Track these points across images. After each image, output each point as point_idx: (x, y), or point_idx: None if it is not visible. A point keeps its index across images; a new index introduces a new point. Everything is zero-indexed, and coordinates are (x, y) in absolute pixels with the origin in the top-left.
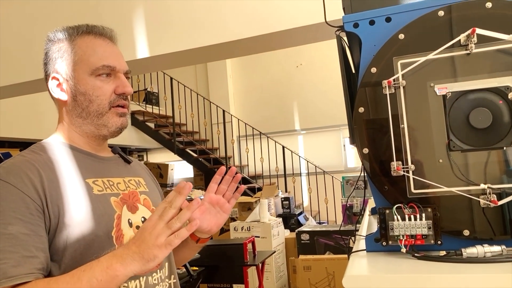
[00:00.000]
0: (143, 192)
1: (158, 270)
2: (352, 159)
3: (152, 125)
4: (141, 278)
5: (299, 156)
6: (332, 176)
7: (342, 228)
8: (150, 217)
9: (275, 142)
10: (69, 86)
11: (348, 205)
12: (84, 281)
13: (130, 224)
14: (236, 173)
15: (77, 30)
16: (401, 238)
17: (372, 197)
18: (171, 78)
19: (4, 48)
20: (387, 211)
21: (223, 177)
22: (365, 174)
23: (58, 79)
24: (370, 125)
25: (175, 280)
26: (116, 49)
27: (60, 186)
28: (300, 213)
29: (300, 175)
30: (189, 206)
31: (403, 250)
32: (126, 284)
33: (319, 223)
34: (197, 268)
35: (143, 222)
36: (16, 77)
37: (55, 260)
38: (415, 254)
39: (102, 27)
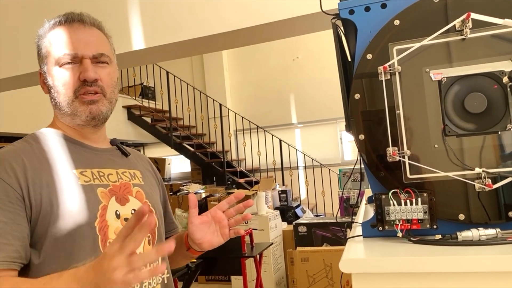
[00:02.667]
0: (137, 184)
1: (149, 264)
2: (348, 152)
3: (148, 119)
4: None
5: (296, 150)
6: (329, 169)
7: (339, 220)
8: (113, 241)
9: (272, 135)
10: (45, 80)
11: (345, 197)
12: None
13: (118, 216)
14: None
15: (50, 25)
16: (397, 223)
17: (368, 188)
18: (167, 72)
19: (1, 39)
20: (383, 197)
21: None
22: (361, 164)
23: (41, 74)
24: (366, 111)
25: (168, 275)
26: (85, 34)
27: (45, 175)
28: (297, 206)
29: (297, 168)
30: (159, 249)
31: (399, 234)
32: None
33: (316, 215)
34: (195, 260)
35: (132, 214)
36: (12, 70)
37: (37, 248)
38: (411, 238)
39: (72, 13)
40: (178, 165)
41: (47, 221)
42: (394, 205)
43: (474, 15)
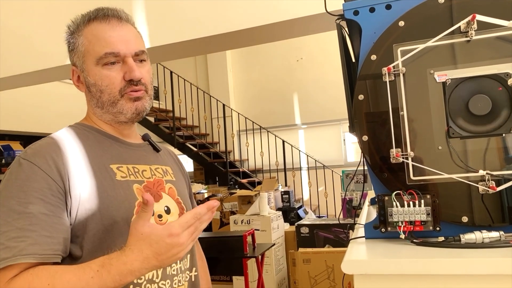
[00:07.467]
0: (169, 181)
1: (179, 261)
2: (352, 153)
3: (152, 119)
4: None
5: (299, 150)
6: (332, 171)
7: (341, 222)
8: (176, 225)
9: (275, 136)
10: (83, 77)
11: (348, 199)
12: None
13: (152, 213)
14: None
15: (84, 19)
16: (400, 224)
17: (371, 190)
18: (171, 72)
19: (3, 38)
20: (386, 198)
21: None
22: (365, 165)
23: (76, 71)
24: (370, 113)
25: (196, 273)
26: (123, 31)
27: (83, 170)
28: (300, 207)
29: (300, 169)
30: (209, 205)
31: (402, 236)
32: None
33: (319, 217)
34: None
35: (165, 211)
36: (15, 68)
37: (77, 243)
38: (414, 240)
39: (107, 8)
40: None
41: (85, 216)
42: (397, 206)
43: (479, 17)
